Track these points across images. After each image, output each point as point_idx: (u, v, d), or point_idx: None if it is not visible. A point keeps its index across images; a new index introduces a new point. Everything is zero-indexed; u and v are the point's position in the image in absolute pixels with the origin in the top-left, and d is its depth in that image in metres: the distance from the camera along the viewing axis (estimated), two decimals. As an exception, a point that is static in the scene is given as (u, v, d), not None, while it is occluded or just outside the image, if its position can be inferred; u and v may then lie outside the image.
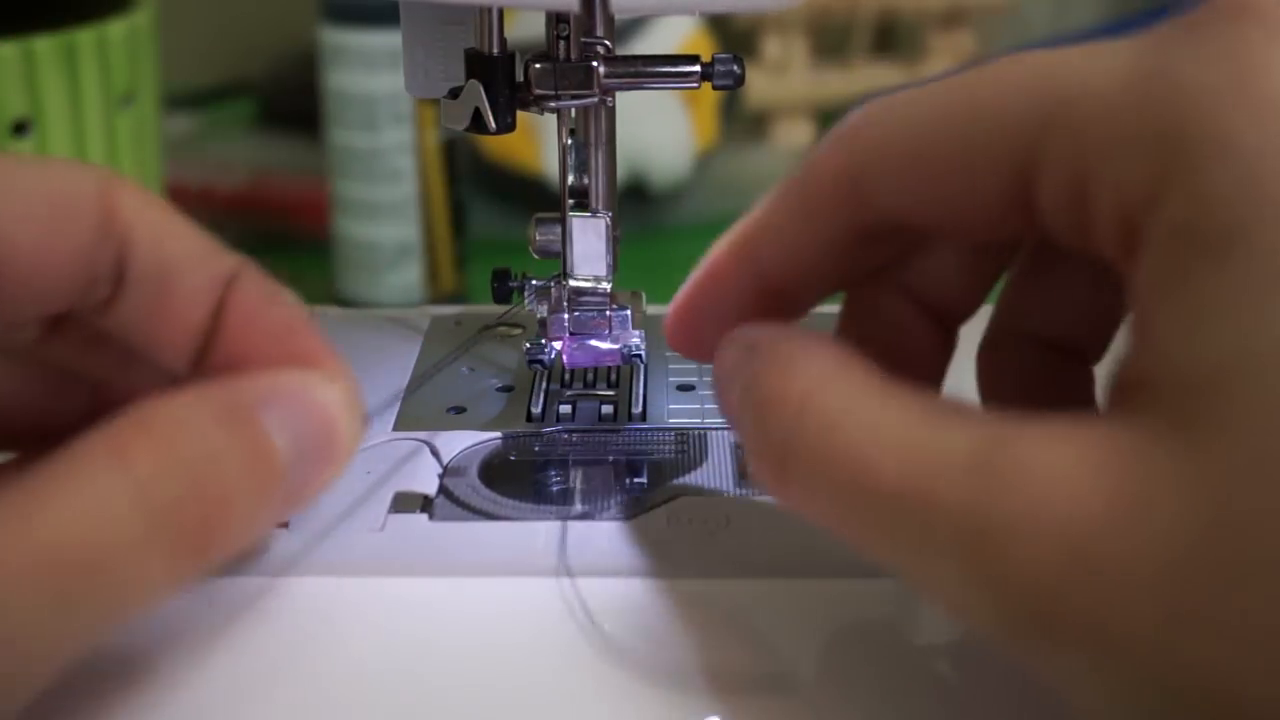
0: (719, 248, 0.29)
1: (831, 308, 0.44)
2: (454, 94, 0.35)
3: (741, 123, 0.81)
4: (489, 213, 0.69)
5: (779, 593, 0.30)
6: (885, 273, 0.29)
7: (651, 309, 0.40)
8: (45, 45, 0.48)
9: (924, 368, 0.29)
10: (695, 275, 0.29)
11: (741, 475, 0.34)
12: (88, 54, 0.49)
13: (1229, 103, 0.19)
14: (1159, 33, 0.21)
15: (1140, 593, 0.18)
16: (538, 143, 0.68)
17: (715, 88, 0.35)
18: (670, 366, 0.40)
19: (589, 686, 0.27)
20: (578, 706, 0.27)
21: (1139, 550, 0.18)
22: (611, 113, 0.36)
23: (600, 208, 0.36)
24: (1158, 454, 0.18)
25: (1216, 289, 0.18)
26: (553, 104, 0.35)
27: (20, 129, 0.48)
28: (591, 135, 0.36)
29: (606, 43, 0.34)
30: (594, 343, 0.37)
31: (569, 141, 0.37)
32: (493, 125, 0.34)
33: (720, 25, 0.78)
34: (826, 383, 0.23)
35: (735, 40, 0.79)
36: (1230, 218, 0.18)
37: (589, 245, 0.37)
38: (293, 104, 0.79)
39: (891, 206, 0.25)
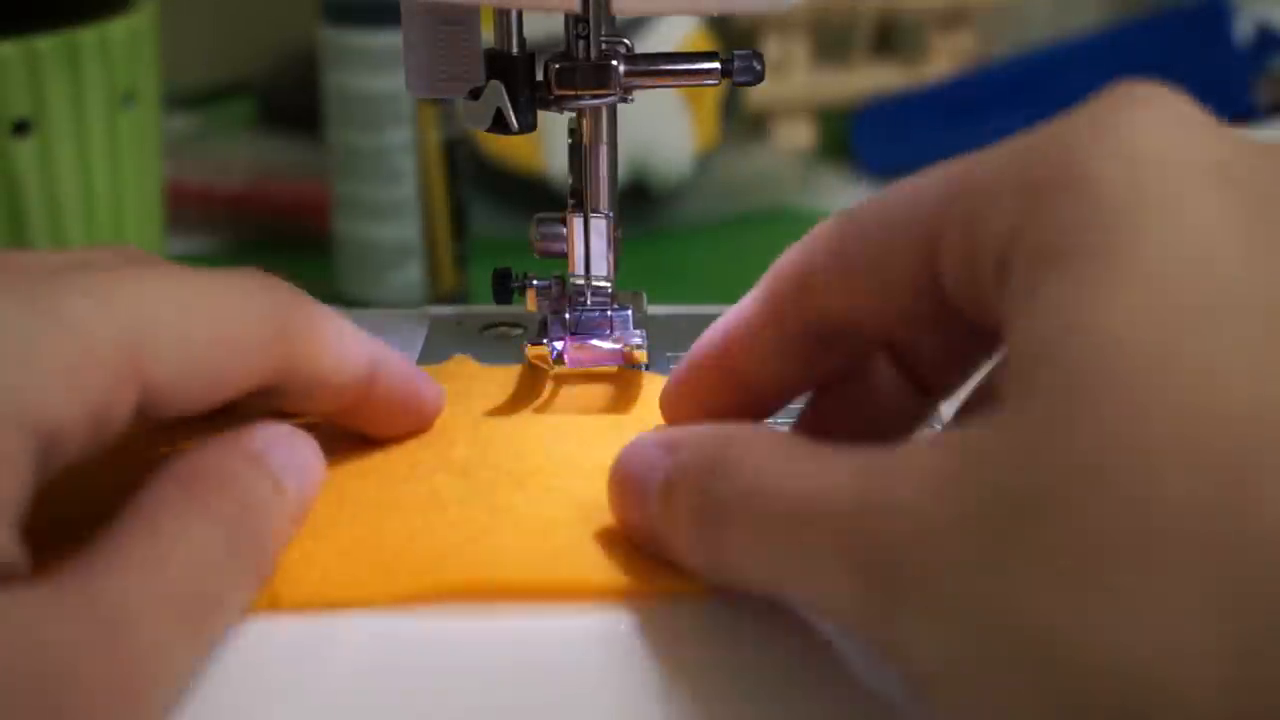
0: (701, 340, 0.32)
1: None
2: (474, 94, 0.35)
3: (742, 123, 0.81)
4: (490, 213, 0.69)
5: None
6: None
7: (652, 309, 0.40)
8: (47, 45, 0.48)
9: (895, 424, 0.32)
10: (680, 366, 0.32)
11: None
12: (90, 54, 0.49)
13: (1084, 149, 0.23)
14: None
15: (961, 548, 0.22)
16: (539, 143, 0.68)
17: (736, 84, 0.35)
18: (671, 367, 0.40)
19: (591, 687, 0.27)
20: (580, 708, 0.27)
21: (959, 512, 0.22)
22: (613, 112, 0.36)
23: (602, 208, 0.37)
24: (987, 432, 0.22)
25: (1056, 291, 0.22)
26: (573, 103, 0.35)
27: (22, 129, 0.48)
28: (593, 135, 0.36)
29: (626, 42, 0.35)
30: (595, 342, 0.37)
31: (570, 141, 0.37)
32: (515, 125, 0.35)
33: (721, 25, 0.78)
34: (750, 445, 0.27)
35: (736, 40, 0.79)
36: (1074, 237, 0.23)
37: (591, 245, 0.37)
38: (293, 104, 0.79)
39: (829, 306, 0.29)
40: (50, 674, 0.23)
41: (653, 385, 0.37)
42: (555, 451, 0.34)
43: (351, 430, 0.34)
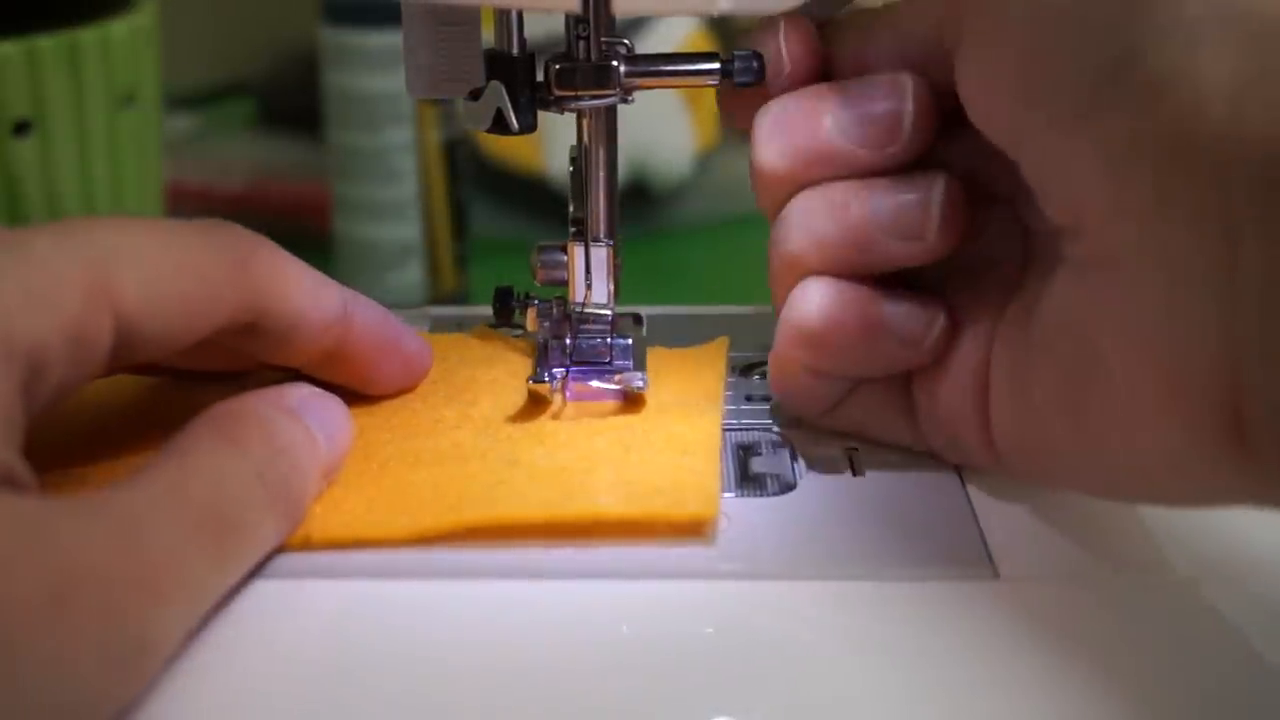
0: None
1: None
2: (474, 95, 0.35)
3: (742, 123, 0.81)
4: (490, 213, 0.69)
5: (779, 593, 0.30)
6: None
7: (652, 309, 0.40)
8: (48, 45, 0.48)
9: None
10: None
11: (743, 476, 0.34)
12: (90, 54, 0.49)
13: None
14: None
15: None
16: (539, 143, 0.69)
17: (737, 84, 0.35)
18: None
19: (593, 687, 0.27)
20: (582, 707, 0.27)
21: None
22: (613, 113, 0.36)
23: (602, 235, 0.37)
24: None
25: None
26: (573, 104, 0.35)
27: (22, 129, 0.48)
28: (593, 136, 0.36)
29: (626, 42, 0.35)
30: (596, 383, 0.36)
31: (571, 169, 0.37)
32: (515, 125, 0.35)
33: (720, 25, 0.78)
34: None
35: (736, 40, 0.78)
36: None
37: (592, 273, 0.37)
38: (293, 104, 0.79)
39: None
40: (60, 566, 0.24)
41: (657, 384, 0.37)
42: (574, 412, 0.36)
43: (343, 385, 0.35)
